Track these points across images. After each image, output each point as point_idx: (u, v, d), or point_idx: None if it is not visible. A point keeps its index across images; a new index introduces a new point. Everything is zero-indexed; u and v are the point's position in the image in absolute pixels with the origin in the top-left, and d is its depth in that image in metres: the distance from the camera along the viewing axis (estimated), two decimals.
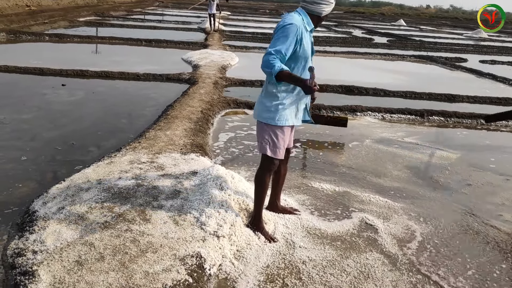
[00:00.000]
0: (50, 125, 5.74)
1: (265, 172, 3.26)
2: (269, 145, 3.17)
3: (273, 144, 3.17)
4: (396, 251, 3.31)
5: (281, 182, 3.62)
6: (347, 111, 7.45)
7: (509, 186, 4.84)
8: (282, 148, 3.20)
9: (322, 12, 3.07)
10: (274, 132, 3.14)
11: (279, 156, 3.21)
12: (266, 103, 3.13)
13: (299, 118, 3.25)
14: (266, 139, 3.16)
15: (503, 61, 16.52)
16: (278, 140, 3.16)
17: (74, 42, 14.11)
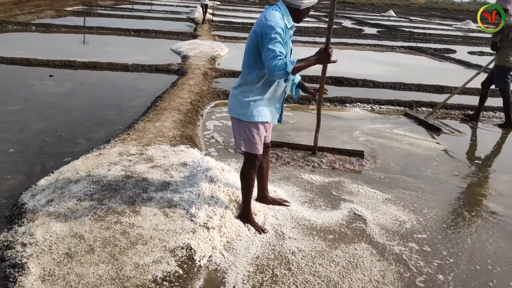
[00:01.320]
0: (38, 117, 5.68)
1: (249, 168, 3.25)
2: (244, 141, 3.16)
3: (248, 140, 3.15)
4: (384, 241, 3.36)
5: (265, 174, 3.62)
6: (336, 102, 7.48)
7: (496, 176, 4.91)
8: (259, 143, 3.17)
9: (301, 5, 3.00)
10: (249, 129, 3.12)
11: (257, 151, 3.19)
12: (240, 98, 3.10)
13: (275, 116, 3.24)
14: (241, 135, 3.15)
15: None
16: (253, 137, 3.13)
17: (61, 32, 13.94)
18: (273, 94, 3.12)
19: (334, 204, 3.90)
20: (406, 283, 2.89)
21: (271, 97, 3.13)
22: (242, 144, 3.18)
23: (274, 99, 3.16)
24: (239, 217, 3.40)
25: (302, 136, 5.61)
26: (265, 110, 3.12)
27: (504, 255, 3.33)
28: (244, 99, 3.08)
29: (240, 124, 3.14)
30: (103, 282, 2.47)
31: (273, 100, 3.16)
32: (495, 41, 6.75)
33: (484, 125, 7.07)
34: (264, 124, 3.16)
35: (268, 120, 3.16)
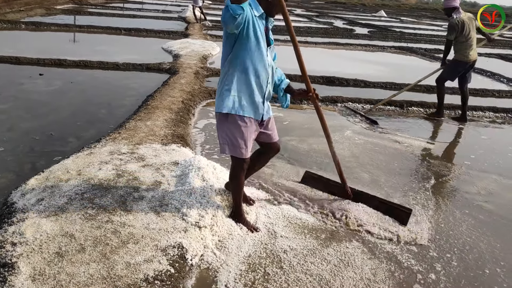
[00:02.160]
0: (27, 116, 5.63)
1: (237, 172, 3.19)
2: (228, 145, 3.07)
3: (232, 144, 3.05)
4: (375, 239, 3.37)
5: (251, 172, 3.53)
6: (328, 101, 7.50)
7: (485, 176, 4.95)
8: (243, 147, 3.05)
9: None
10: (231, 127, 3.02)
11: (243, 155, 3.08)
12: (220, 90, 3.04)
13: (257, 111, 3.08)
14: (224, 138, 3.07)
15: (480, 53, 16.69)
16: (236, 139, 3.03)
17: (51, 31, 13.82)
18: (251, 84, 3.00)
19: (326, 202, 3.91)
20: (397, 281, 2.91)
21: (250, 88, 3.01)
22: (226, 149, 3.09)
23: (255, 92, 3.03)
24: (231, 217, 3.39)
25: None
26: (245, 103, 3.01)
27: (495, 254, 3.36)
28: (223, 89, 3.02)
29: (222, 120, 3.05)
30: (94, 281, 2.46)
31: (254, 92, 3.03)
32: (451, 39, 6.80)
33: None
34: (248, 120, 3.03)
35: (252, 114, 3.05)
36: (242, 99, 3.00)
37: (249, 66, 2.97)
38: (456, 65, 6.93)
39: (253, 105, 3.05)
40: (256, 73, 3.00)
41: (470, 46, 6.81)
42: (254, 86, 3.02)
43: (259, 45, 2.96)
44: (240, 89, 3.00)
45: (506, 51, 17.99)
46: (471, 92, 9.28)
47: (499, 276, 3.09)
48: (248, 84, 3.00)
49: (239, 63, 2.96)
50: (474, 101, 8.36)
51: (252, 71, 2.98)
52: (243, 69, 2.97)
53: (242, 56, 2.95)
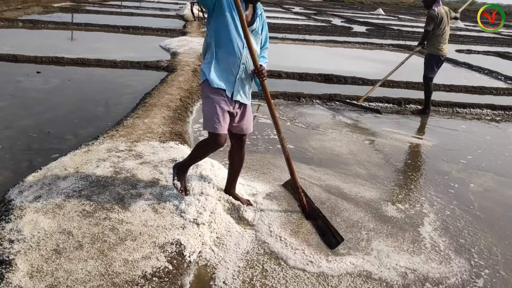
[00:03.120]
0: (25, 113, 5.62)
1: (207, 144, 3.21)
2: (204, 118, 3.17)
3: (206, 115, 3.13)
4: (363, 236, 3.38)
5: (235, 169, 3.52)
6: (326, 99, 7.50)
7: (483, 174, 4.96)
8: (214, 121, 3.07)
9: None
10: (206, 100, 3.12)
11: (213, 129, 3.08)
12: (203, 57, 3.19)
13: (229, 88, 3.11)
14: (203, 110, 3.18)
15: (478, 51, 16.81)
16: (207, 110, 3.11)
17: (48, 29, 13.78)
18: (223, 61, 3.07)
19: (327, 200, 3.91)
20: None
21: (221, 64, 3.07)
22: (203, 122, 3.19)
23: (227, 68, 3.08)
24: (174, 167, 3.42)
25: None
26: (218, 75, 3.08)
27: (492, 249, 3.37)
28: (203, 61, 3.17)
29: (202, 90, 3.17)
30: (92, 278, 2.45)
31: (226, 69, 3.08)
32: (429, 30, 6.83)
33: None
34: (221, 92, 3.08)
35: (225, 87, 3.08)
36: (215, 71, 3.08)
37: (221, 41, 3.04)
38: (431, 58, 6.98)
39: (225, 80, 3.11)
40: (227, 49, 3.05)
41: (445, 40, 6.89)
42: (225, 62, 3.08)
43: (231, 25, 3.01)
44: (214, 61, 3.08)
45: (504, 49, 18.03)
46: (469, 89, 9.34)
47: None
48: (220, 59, 3.08)
49: (214, 36, 3.05)
50: (472, 99, 8.38)
51: (224, 46, 3.05)
52: (216, 43, 3.06)
53: (215, 33, 3.04)
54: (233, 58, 3.06)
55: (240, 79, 3.14)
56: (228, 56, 3.06)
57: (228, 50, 3.05)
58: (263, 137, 5.47)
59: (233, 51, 3.05)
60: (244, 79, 3.17)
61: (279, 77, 9.16)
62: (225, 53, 3.05)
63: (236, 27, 3.02)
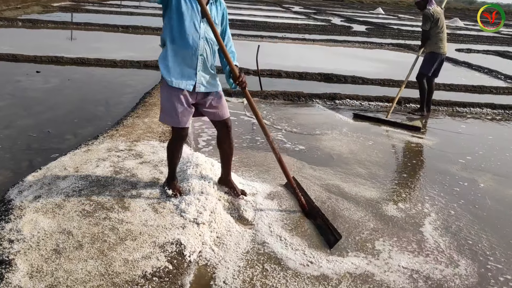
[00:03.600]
0: (24, 113, 5.61)
1: (171, 141, 3.31)
2: (161, 111, 3.20)
3: (162, 109, 3.17)
4: (364, 235, 3.38)
5: (226, 158, 3.54)
6: (326, 98, 7.49)
7: (483, 173, 4.96)
8: (173, 116, 3.11)
9: None
10: (162, 95, 3.16)
11: (172, 124, 3.17)
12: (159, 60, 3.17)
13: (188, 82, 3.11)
14: (161, 104, 3.20)
15: (478, 50, 16.82)
16: (166, 105, 3.14)
17: (48, 28, 13.77)
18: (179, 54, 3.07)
19: (329, 199, 3.91)
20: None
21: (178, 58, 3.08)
22: (161, 116, 3.22)
23: (185, 62, 3.09)
24: (164, 184, 3.48)
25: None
26: (175, 72, 3.09)
27: (492, 247, 3.37)
28: (160, 56, 3.16)
29: (161, 86, 3.20)
30: (92, 278, 2.45)
31: (185, 63, 3.09)
32: (427, 29, 6.77)
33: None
34: (176, 89, 3.10)
35: (181, 86, 3.09)
36: (172, 68, 3.09)
37: (176, 35, 3.04)
38: (431, 57, 6.93)
39: (182, 75, 3.11)
40: (183, 43, 3.05)
41: (444, 38, 6.86)
42: (182, 56, 3.08)
43: (184, 17, 3.01)
44: (170, 59, 3.09)
45: (504, 48, 18.03)
46: (469, 89, 9.34)
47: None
48: (176, 54, 3.08)
49: (168, 33, 3.06)
50: (472, 98, 8.37)
51: (179, 41, 3.05)
52: (171, 39, 3.06)
53: (170, 27, 3.04)
54: (191, 51, 3.08)
55: (201, 71, 3.16)
56: (185, 50, 3.06)
57: (184, 44, 3.05)
58: (263, 136, 5.46)
59: (190, 44, 3.06)
60: (205, 69, 3.19)
61: (279, 77, 9.16)
62: (182, 47, 3.06)
63: (191, 19, 3.02)
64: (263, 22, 20.44)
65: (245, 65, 9.14)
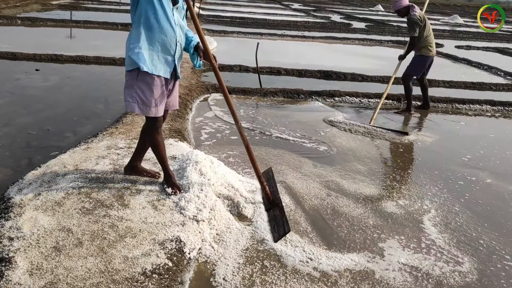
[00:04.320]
0: (24, 111, 5.61)
1: (151, 133, 3.27)
2: (137, 103, 3.11)
3: (142, 102, 3.11)
4: (363, 232, 3.38)
5: (147, 146, 3.53)
6: (325, 96, 7.49)
7: (482, 169, 4.96)
8: (154, 105, 3.12)
9: None
10: (139, 85, 3.07)
11: (155, 113, 3.15)
12: (129, 45, 3.08)
13: (167, 69, 3.14)
14: (133, 96, 3.10)
15: (478, 46, 16.80)
16: (146, 96, 3.08)
17: (47, 26, 13.74)
18: (158, 42, 3.06)
19: (327, 197, 3.91)
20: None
21: (157, 46, 3.06)
22: (135, 108, 3.13)
23: (163, 49, 3.09)
24: (164, 180, 3.45)
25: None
26: (155, 61, 3.07)
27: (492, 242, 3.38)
28: (129, 47, 3.07)
29: (131, 78, 3.10)
30: (91, 275, 2.45)
31: (162, 50, 3.09)
32: (415, 35, 6.63)
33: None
34: (158, 78, 3.10)
35: (161, 73, 3.10)
36: (152, 57, 3.06)
37: (154, 24, 3.03)
38: (422, 60, 6.82)
39: (162, 63, 3.12)
40: (162, 30, 3.06)
41: (433, 40, 6.78)
42: (161, 43, 3.08)
43: (161, 5, 3.02)
44: (148, 47, 3.05)
45: (504, 45, 18.01)
46: (468, 85, 9.34)
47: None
48: (155, 42, 3.06)
49: (144, 21, 3.03)
50: (472, 95, 8.37)
51: (157, 28, 3.04)
52: (148, 27, 3.03)
53: (146, 14, 3.02)
54: (170, 38, 3.09)
55: (177, 57, 3.20)
56: (164, 37, 3.07)
57: (163, 32, 3.06)
58: (263, 134, 5.47)
59: (169, 32, 3.08)
60: (180, 56, 3.23)
61: (278, 74, 9.16)
62: (161, 35, 3.06)
63: (164, 7, 3.03)
64: (262, 19, 20.40)
65: (244, 62, 9.17)
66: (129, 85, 3.13)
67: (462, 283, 2.89)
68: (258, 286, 2.66)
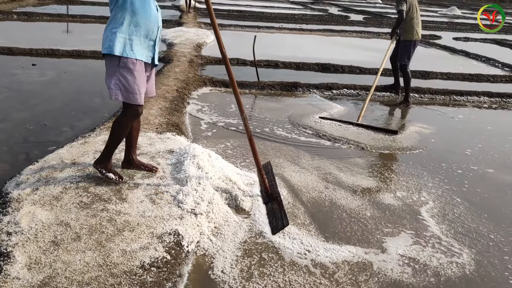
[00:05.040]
0: (21, 106, 5.59)
1: (127, 119, 3.20)
2: (121, 90, 3.08)
3: (125, 89, 3.07)
4: (361, 224, 3.39)
5: (135, 135, 3.51)
6: (323, 88, 7.48)
7: (481, 160, 4.97)
8: (138, 92, 3.10)
9: None
10: (122, 72, 3.04)
11: (137, 101, 3.12)
12: (105, 32, 3.07)
13: (148, 54, 3.14)
14: (115, 83, 3.06)
15: (476, 38, 16.77)
16: (129, 84, 3.06)
17: (43, 21, 13.67)
18: (142, 26, 3.05)
19: (325, 190, 3.92)
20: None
21: (140, 30, 3.05)
22: (119, 95, 3.09)
23: (146, 34, 3.09)
24: (96, 163, 3.32)
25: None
26: (138, 45, 3.06)
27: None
28: (111, 32, 3.04)
29: (112, 64, 3.06)
30: (90, 269, 2.46)
31: (145, 34, 3.09)
32: (403, 10, 6.52)
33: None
34: (140, 63, 3.08)
35: (143, 58, 3.10)
36: (134, 42, 3.05)
37: (139, 9, 3.02)
38: (408, 45, 6.80)
39: (145, 47, 3.11)
40: (146, 15, 3.06)
41: (418, 23, 6.75)
42: (144, 28, 3.07)
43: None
44: (132, 32, 3.04)
45: (501, 36, 17.97)
46: (466, 77, 9.33)
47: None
48: (139, 26, 3.05)
49: (129, 6, 3.01)
50: (469, 86, 8.37)
51: (142, 13, 3.04)
52: (133, 12, 3.02)
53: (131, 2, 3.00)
54: (152, 22, 3.10)
55: (158, 42, 3.20)
56: (148, 21, 3.07)
57: (148, 16, 3.06)
58: (263, 129, 5.47)
59: (151, 16, 3.08)
60: (159, 41, 3.23)
61: (276, 67, 9.13)
62: (146, 19, 3.05)
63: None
64: (260, 12, 20.32)
65: (242, 55, 9.14)
66: (111, 72, 3.10)
67: (460, 274, 2.90)
68: (256, 278, 2.67)
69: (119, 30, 3.02)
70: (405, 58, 6.84)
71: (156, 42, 3.19)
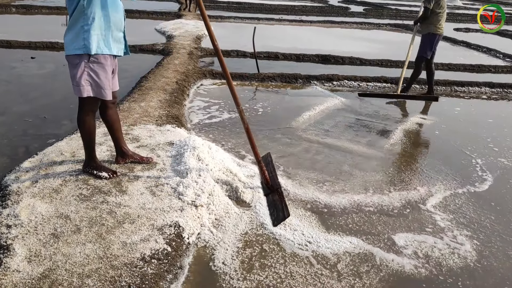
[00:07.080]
0: (20, 99, 5.57)
1: (86, 114, 3.15)
2: (91, 86, 3.02)
3: (96, 84, 3.02)
4: (363, 214, 3.38)
5: (117, 128, 3.46)
6: (323, 80, 7.44)
7: (484, 151, 4.95)
8: (108, 88, 3.06)
9: None
10: (93, 68, 2.98)
11: (107, 96, 3.08)
12: (73, 31, 2.95)
13: (120, 47, 3.13)
14: (85, 79, 2.99)
15: (476, 29, 16.68)
16: (100, 78, 3.01)
17: (42, 14, 13.62)
18: (112, 20, 3.01)
19: (323, 185, 3.90)
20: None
21: (110, 24, 3.01)
22: (90, 91, 3.02)
23: (116, 27, 3.06)
24: (85, 168, 3.32)
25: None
26: (110, 40, 3.02)
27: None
28: (82, 29, 2.93)
29: (81, 60, 2.96)
30: (90, 261, 2.45)
31: (116, 27, 3.06)
32: (429, 7, 6.51)
33: None
34: (110, 58, 3.06)
35: (114, 52, 3.07)
36: (106, 37, 3.02)
37: (108, 2, 2.98)
38: (430, 39, 6.73)
39: (116, 41, 3.10)
40: (114, 7, 3.03)
41: (444, 18, 6.68)
42: (114, 21, 3.05)
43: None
44: (103, 26, 3.00)
45: (503, 27, 17.86)
46: (467, 68, 9.28)
47: None
48: (109, 20, 3.01)
49: (97, 2, 2.94)
50: (471, 77, 8.33)
51: (111, 5, 3.01)
52: (102, 6, 2.97)
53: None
54: (120, 13, 3.09)
55: (125, 33, 3.19)
56: (116, 13, 3.05)
57: (116, 8, 3.04)
58: (264, 123, 5.44)
59: (119, 6, 3.07)
60: (125, 32, 3.21)
61: (276, 59, 9.09)
62: (114, 12, 3.03)
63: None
64: (259, 4, 20.22)
65: (241, 47, 9.10)
66: (80, 68, 2.99)
67: (462, 264, 2.89)
68: (257, 270, 2.66)
69: (91, 27, 2.94)
70: (426, 50, 6.75)
71: (124, 34, 3.18)
